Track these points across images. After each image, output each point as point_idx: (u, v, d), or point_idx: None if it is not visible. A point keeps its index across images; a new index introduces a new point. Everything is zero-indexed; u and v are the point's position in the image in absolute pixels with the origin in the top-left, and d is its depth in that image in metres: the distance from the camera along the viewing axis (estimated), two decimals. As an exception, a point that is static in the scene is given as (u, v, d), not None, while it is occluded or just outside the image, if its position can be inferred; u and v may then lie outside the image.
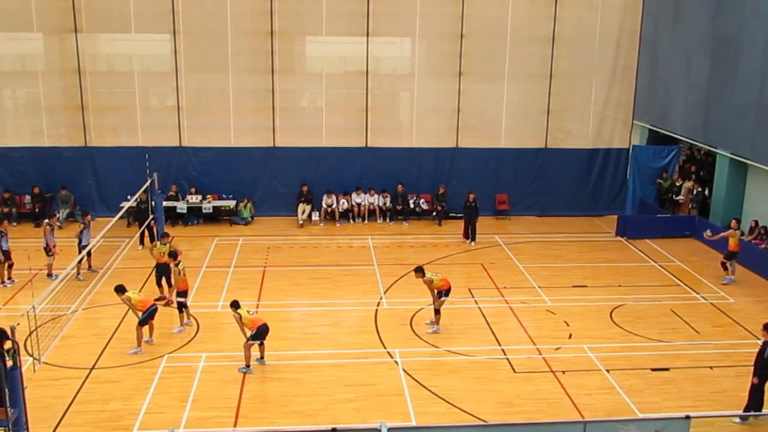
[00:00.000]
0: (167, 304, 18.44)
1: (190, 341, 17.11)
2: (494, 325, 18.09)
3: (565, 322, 18.35)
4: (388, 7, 26.20)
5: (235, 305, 15.93)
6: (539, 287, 20.68)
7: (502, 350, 16.78)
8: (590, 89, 27.40)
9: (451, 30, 26.35)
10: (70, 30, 25.80)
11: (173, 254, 18.04)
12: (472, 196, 24.79)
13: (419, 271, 17.69)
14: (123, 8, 25.75)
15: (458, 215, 26.04)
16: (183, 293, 17.61)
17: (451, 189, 26.91)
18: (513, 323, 18.32)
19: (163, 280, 19.31)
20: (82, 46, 26.00)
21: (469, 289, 20.39)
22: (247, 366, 15.68)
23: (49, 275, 20.22)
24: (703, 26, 25.60)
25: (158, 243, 19.87)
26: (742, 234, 22.08)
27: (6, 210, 25.63)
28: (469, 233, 24.74)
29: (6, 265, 20.43)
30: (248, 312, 15.91)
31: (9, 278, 20.49)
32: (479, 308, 19.15)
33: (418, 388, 15.05)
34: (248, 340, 15.66)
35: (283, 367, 15.93)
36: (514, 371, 15.84)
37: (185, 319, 17.62)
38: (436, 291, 17.62)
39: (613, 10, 26.68)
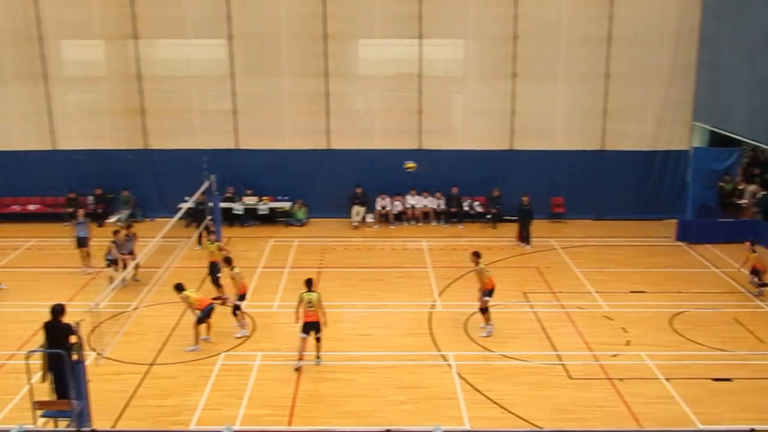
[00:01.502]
0: (223, 303, 18.71)
1: (246, 340, 17.34)
2: (549, 330, 17.91)
3: (623, 328, 18.07)
4: (440, 9, 26.16)
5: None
6: (596, 292, 20.41)
7: (558, 356, 16.60)
8: (648, 89, 26.81)
9: (503, 31, 26.18)
10: (129, 37, 26.41)
11: (228, 260, 18.04)
12: (526, 199, 24.59)
13: (477, 255, 17.67)
14: (180, 15, 26.26)
15: (513, 218, 25.83)
16: (241, 297, 17.72)
17: (506, 192, 26.69)
18: (569, 328, 18.11)
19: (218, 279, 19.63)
20: (141, 52, 26.61)
21: (524, 293, 20.23)
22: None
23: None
24: (766, 23, 24.93)
25: (210, 242, 20.40)
26: None
27: (71, 210, 26.31)
28: (524, 237, 24.54)
29: (84, 252, 21.78)
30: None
31: (87, 265, 21.76)
32: (534, 312, 18.99)
33: (472, 392, 14.99)
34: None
35: (337, 367, 16.03)
36: (570, 377, 15.66)
37: (242, 319, 17.75)
38: (480, 288, 17.59)
39: (670, 7, 26.12)
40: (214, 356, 16.42)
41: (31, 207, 27.49)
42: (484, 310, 17.67)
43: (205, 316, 16.82)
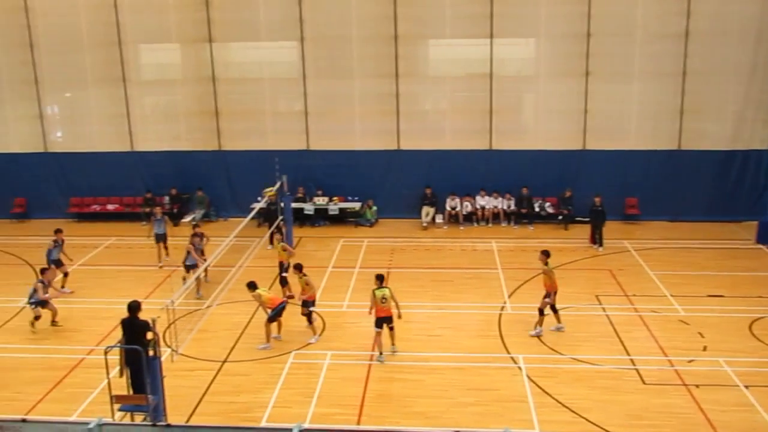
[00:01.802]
0: (290, 298, 18.96)
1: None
2: (623, 334, 17.54)
3: (700, 333, 17.56)
4: (512, 8, 25.93)
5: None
6: (671, 296, 19.90)
7: (631, 360, 16.26)
8: (727, 87, 25.98)
9: (576, 29, 25.78)
10: (204, 40, 27.00)
11: (298, 266, 17.96)
12: (598, 200, 24.14)
13: (546, 254, 17.54)
14: (253, 18, 26.72)
15: (585, 219, 25.41)
16: (310, 302, 17.65)
17: (578, 192, 26.28)
18: (642, 332, 17.71)
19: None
20: (215, 55, 27.19)
21: (597, 296, 19.88)
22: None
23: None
24: None
25: (277, 242, 20.72)
26: None
27: (147, 210, 27.06)
28: (596, 238, 24.12)
29: (161, 247, 22.80)
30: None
31: (166, 255, 22.83)
32: (607, 316, 18.64)
33: (542, 395, 14.81)
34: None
35: (406, 368, 16.05)
36: (644, 383, 15.31)
37: (313, 323, 17.67)
38: (546, 289, 17.43)
39: (751, 2, 25.20)
40: (285, 354, 16.64)
41: (110, 207, 28.39)
42: (541, 312, 17.55)
43: (276, 314, 17.06)
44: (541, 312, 17.55)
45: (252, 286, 17.11)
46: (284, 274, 19.94)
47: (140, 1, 26.95)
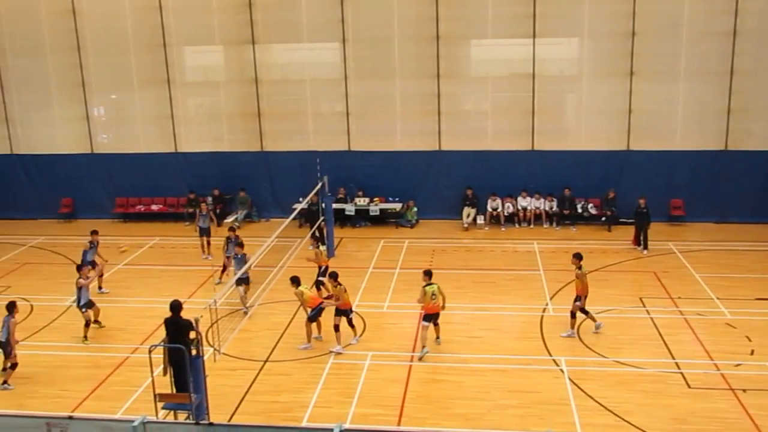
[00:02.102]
0: (329, 298, 19.04)
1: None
2: (667, 337, 17.27)
3: (747, 337, 17.20)
4: (555, 7, 25.70)
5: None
6: (717, 298, 19.54)
7: (676, 364, 16.00)
8: (775, 86, 25.54)
9: (621, 28, 25.45)
10: (247, 42, 27.25)
11: (333, 275, 17.55)
12: (643, 202, 23.78)
13: (578, 257, 17.40)
14: (296, 20, 26.89)
15: (629, 221, 25.09)
16: (345, 311, 17.15)
17: (622, 193, 25.96)
18: (688, 335, 17.43)
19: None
20: (258, 57, 27.41)
21: (641, 299, 19.61)
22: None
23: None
24: None
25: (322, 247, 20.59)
26: None
27: (191, 210, 27.42)
28: (641, 240, 23.78)
29: (205, 240, 23.38)
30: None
31: (209, 253, 23.26)
32: (651, 318, 18.37)
33: (584, 398, 14.65)
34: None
35: (446, 369, 16.01)
36: (689, 386, 15.05)
37: (354, 335, 17.46)
38: (576, 293, 17.32)
39: (801, 0, 24.76)
40: (326, 355, 16.70)
41: (154, 207, 28.80)
42: (573, 315, 17.42)
43: (315, 314, 17.12)
44: (573, 315, 17.42)
45: (295, 281, 17.16)
46: (321, 278, 19.94)
47: (185, 4, 27.31)
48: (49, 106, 28.88)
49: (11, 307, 15.76)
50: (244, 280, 19.08)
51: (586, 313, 17.48)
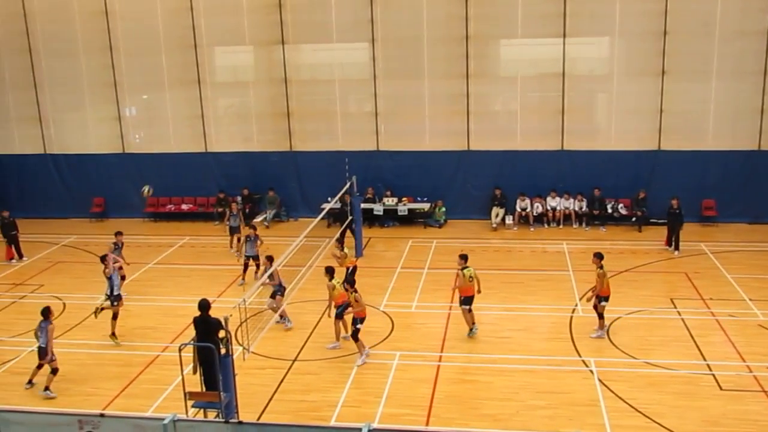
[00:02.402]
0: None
1: (384, 339, 17.58)
2: (698, 339, 17.08)
3: (780, 338, 17.00)
4: (586, 6, 25.50)
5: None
6: (750, 300, 19.27)
7: (707, 365, 15.81)
8: (812, 86, 25.12)
9: (652, 27, 25.20)
10: (277, 42, 27.38)
11: (351, 283, 17.66)
12: (675, 203, 23.50)
13: (599, 256, 17.24)
14: (325, 20, 26.96)
15: (659, 221, 24.84)
16: (358, 320, 16.48)
17: (652, 194, 25.70)
18: (720, 337, 17.22)
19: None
20: (287, 57, 27.53)
21: (672, 299, 19.41)
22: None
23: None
24: None
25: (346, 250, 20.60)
26: None
27: (220, 210, 27.62)
28: (672, 241, 23.52)
29: (235, 238, 23.78)
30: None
31: (238, 251, 23.24)
32: (682, 320, 18.17)
33: (614, 399, 14.54)
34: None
35: (475, 369, 15.97)
36: (721, 388, 14.88)
37: (362, 347, 16.68)
38: (596, 292, 17.19)
39: (837, -2, 24.31)
40: (354, 354, 16.70)
41: (184, 207, 29.04)
42: (601, 315, 17.31)
43: (341, 311, 17.16)
44: (600, 316, 17.31)
45: (330, 272, 17.19)
46: (350, 279, 20.02)
47: (215, 5, 27.50)
48: (81, 106, 29.26)
49: (47, 312, 15.65)
50: (277, 291, 18.54)
51: (600, 317, 17.38)
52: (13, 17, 28.53)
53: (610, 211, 26.29)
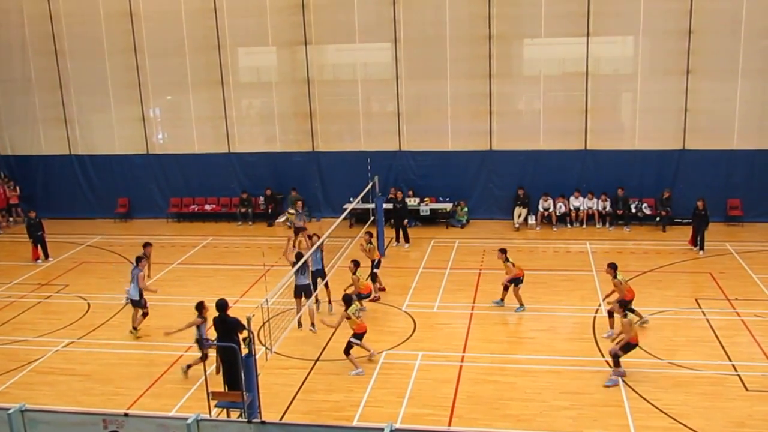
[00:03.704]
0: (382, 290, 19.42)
1: (407, 340, 17.57)
2: (724, 339, 16.91)
3: (807, 339, 16.78)
4: (610, 5, 25.35)
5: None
6: (776, 300, 19.09)
7: (733, 366, 15.66)
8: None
9: (677, 26, 24.98)
10: (300, 42, 27.46)
11: (356, 263, 18.19)
12: (701, 204, 23.23)
13: (613, 267, 17.24)
14: (348, 20, 26.99)
15: (684, 221, 24.63)
16: (359, 336, 16.24)
17: (677, 193, 25.50)
18: (745, 337, 17.04)
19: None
20: (310, 58, 27.59)
21: (696, 300, 19.23)
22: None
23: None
24: None
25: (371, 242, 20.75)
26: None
27: (243, 210, 27.76)
28: (698, 241, 23.29)
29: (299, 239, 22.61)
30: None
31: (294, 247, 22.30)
32: (707, 320, 18.00)
33: (639, 400, 14.43)
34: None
35: (497, 369, 15.91)
36: (746, 389, 14.72)
37: (355, 361, 16.17)
38: (621, 298, 17.13)
39: None
40: (377, 354, 16.71)
41: (208, 207, 29.20)
42: (625, 315, 17.06)
43: (365, 297, 17.30)
44: (631, 311, 17.14)
45: (356, 264, 17.60)
46: (375, 270, 20.26)
47: (239, 6, 27.63)
48: (106, 107, 29.50)
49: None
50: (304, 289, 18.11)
51: (611, 316, 17.31)
52: (40, 19, 28.85)
53: (634, 210, 26.09)
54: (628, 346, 15.17)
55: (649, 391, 14.69)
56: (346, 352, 16.09)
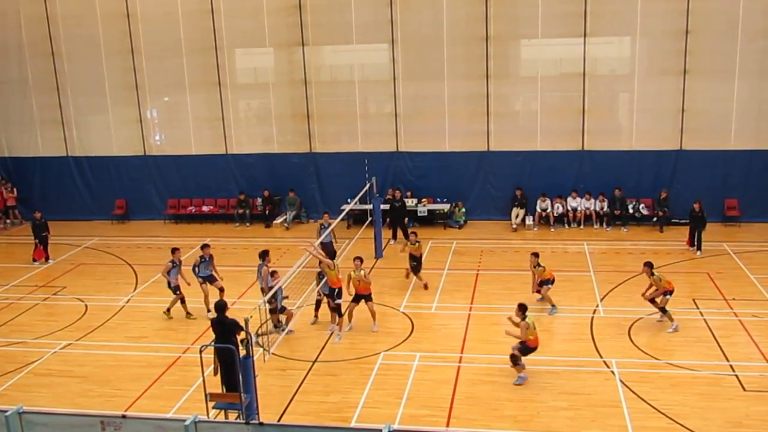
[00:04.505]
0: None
1: (405, 340, 17.58)
2: (721, 339, 16.92)
3: (804, 339, 16.80)
4: (607, 6, 25.39)
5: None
6: (773, 300, 19.12)
7: (730, 366, 15.67)
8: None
9: (674, 26, 25.02)
10: (297, 44, 27.46)
11: (359, 258, 18.36)
12: (697, 206, 23.27)
13: (649, 266, 17.58)
14: (345, 21, 26.99)
15: (681, 221, 24.66)
16: (336, 291, 17.63)
17: (675, 193, 25.54)
18: (743, 337, 17.06)
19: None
20: (308, 59, 27.60)
21: (694, 300, 19.25)
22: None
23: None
24: None
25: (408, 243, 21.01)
26: None
27: (241, 211, 27.76)
28: (695, 242, 23.32)
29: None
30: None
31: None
32: (704, 320, 18.02)
33: (636, 400, 14.44)
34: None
35: (496, 370, 15.91)
36: (744, 389, 14.74)
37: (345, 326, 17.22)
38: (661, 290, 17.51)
39: None
40: (374, 355, 16.74)
41: (205, 208, 29.19)
42: (663, 310, 17.56)
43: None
44: (663, 310, 17.56)
45: (359, 260, 17.93)
46: (415, 263, 20.68)
47: (236, 7, 27.63)
48: (103, 108, 29.47)
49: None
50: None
51: (664, 311, 17.58)
52: (37, 21, 28.82)
53: (631, 211, 26.12)
54: (527, 349, 15.30)
55: (647, 392, 14.70)
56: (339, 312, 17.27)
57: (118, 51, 28.56)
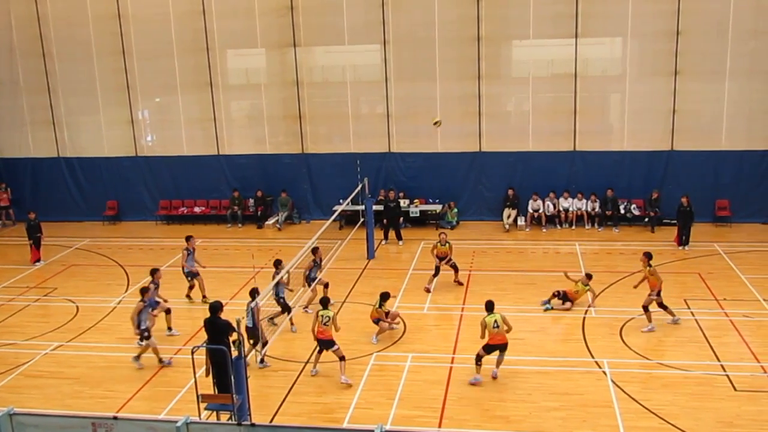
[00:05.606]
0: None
1: (397, 341, 17.57)
2: (712, 339, 16.98)
3: (795, 338, 16.88)
4: (598, 6, 25.45)
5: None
6: (764, 300, 19.15)
7: (722, 366, 15.73)
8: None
9: (665, 27, 25.10)
10: (289, 44, 27.44)
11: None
12: (685, 200, 23.46)
13: (648, 256, 17.71)
14: (337, 22, 26.99)
15: (672, 221, 24.74)
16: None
17: (666, 194, 25.61)
18: (734, 337, 17.12)
19: None
20: (299, 59, 27.58)
21: (685, 300, 19.30)
22: None
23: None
24: None
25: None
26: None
27: (235, 209, 27.81)
28: (683, 239, 23.43)
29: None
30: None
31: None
32: (695, 320, 18.08)
33: (628, 400, 14.48)
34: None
35: (488, 371, 15.90)
36: (735, 389, 14.79)
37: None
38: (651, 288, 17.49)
39: None
40: (367, 356, 16.73)
41: (197, 209, 29.14)
42: (645, 308, 17.58)
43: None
44: (645, 309, 17.57)
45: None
46: (439, 265, 20.76)
47: (228, 8, 27.59)
48: (94, 109, 29.38)
49: (254, 292, 15.93)
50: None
51: (664, 307, 17.64)
52: (28, 22, 28.72)
53: (623, 211, 26.20)
54: (489, 347, 15.30)
55: (638, 392, 14.74)
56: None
57: (110, 52, 28.49)
